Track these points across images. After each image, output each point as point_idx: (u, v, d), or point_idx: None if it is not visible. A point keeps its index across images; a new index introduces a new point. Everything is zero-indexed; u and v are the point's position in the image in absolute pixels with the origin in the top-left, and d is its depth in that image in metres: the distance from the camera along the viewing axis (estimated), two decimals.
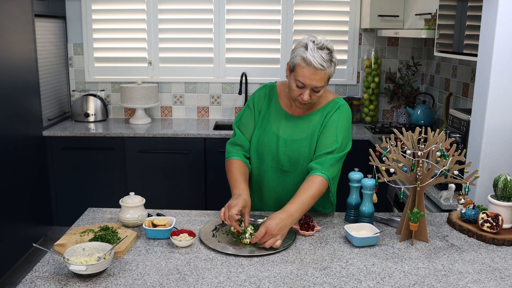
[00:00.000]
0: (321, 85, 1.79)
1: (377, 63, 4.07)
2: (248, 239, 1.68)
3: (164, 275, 1.47)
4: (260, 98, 2.03)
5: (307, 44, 1.77)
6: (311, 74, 1.75)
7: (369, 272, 1.51)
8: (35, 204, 3.53)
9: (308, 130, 1.94)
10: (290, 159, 1.94)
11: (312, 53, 1.73)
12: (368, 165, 1.86)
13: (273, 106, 2.00)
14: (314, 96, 1.82)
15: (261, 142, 1.98)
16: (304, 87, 1.79)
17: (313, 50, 1.74)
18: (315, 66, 1.73)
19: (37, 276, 1.46)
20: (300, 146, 1.93)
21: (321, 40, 1.79)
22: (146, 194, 2.26)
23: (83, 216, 1.96)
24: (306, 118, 1.96)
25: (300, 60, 1.76)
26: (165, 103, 4.23)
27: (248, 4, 4.05)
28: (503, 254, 1.64)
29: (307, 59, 1.73)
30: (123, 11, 4.09)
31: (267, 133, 1.97)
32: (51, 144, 3.66)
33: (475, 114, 2.17)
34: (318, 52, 1.74)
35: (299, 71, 1.77)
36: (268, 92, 2.03)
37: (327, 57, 1.75)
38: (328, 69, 1.76)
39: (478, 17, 2.25)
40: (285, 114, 1.98)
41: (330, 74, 1.79)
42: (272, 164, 1.98)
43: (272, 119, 1.99)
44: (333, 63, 1.78)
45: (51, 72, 3.84)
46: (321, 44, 1.77)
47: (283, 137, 1.95)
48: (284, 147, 1.94)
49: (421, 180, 1.71)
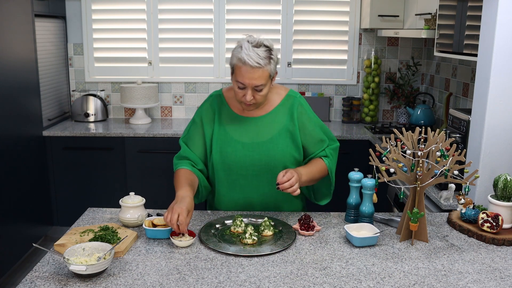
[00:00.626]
0: (261, 83, 1.75)
1: (377, 63, 4.07)
2: (248, 239, 1.68)
3: (164, 275, 1.47)
4: (207, 111, 1.95)
5: (242, 44, 1.75)
6: (249, 73, 1.72)
7: (369, 272, 1.51)
8: (35, 204, 3.53)
9: (274, 129, 1.90)
10: (261, 162, 1.89)
11: (247, 52, 1.71)
12: (368, 165, 1.86)
13: (225, 114, 1.93)
14: (257, 95, 1.78)
15: (225, 154, 1.90)
16: (245, 88, 1.76)
17: (248, 49, 1.71)
18: (251, 65, 1.70)
19: (37, 276, 1.46)
20: (269, 148, 1.89)
21: (257, 38, 1.76)
22: (146, 194, 2.26)
23: (83, 216, 1.96)
24: (268, 117, 1.91)
25: (236, 60, 1.74)
26: (165, 103, 4.23)
27: (248, 4, 4.05)
28: (503, 254, 1.64)
29: (242, 58, 1.71)
30: (123, 11, 4.09)
31: (229, 143, 1.90)
32: (51, 144, 3.67)
33: (475, 114, 2.17)
34: (254, 50, 1.71)
35: (237, 71, 1.75)
36: (216, 101, 1.95)
37: (264, 54, 1.73)
38: (266, 66, 1.73)
39: (478, 17, 2.25)
40: (241, 118, 1.92)
41: (270, 72, 1.76)
42: (243, 172, 1.91)
43: (228, 127, 1.91)
44: (273, 60, 1.76)
45: (51, 72, 3.84)
46: (257, 42, 1.75)
47: (248, 142, 1.89)
48: (252, 152, 1.89)
49: (421, 180, 1.71)
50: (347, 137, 3.64)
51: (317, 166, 1.92)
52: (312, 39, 4.13)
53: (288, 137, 1.91)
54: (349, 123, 4.15)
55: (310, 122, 1.95)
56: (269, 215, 1.96)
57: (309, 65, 4.18)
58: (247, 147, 1.89)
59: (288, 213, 2.00)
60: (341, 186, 2.34)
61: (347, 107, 4.15)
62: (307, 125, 1.94)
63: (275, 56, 1.77)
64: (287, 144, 1.91)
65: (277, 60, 1.79)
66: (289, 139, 1.91)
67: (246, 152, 1.89)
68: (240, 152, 1.89)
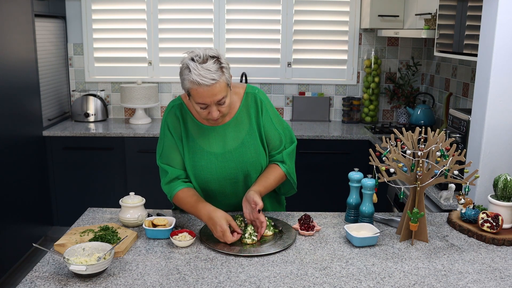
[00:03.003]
0: (222, 96, 1.66)
1: (377, 63, 4.07)
2: (248, 239, 1.68)
3: (164, 275, 1.47)
4: (174, 123, 1.85)
5: (188, 65, 1.63)
6: (207, 92, 1.63)
7: (369, 272, 1.51)
8: (35, 204, 3.53)
9: (242, 132, 1.85)
10: (236, 169, 1.86)
11: (198, 72, 1.60)
12: (368, 165, 1.86)
13: (190, 124, 1.84)
14: (222, 108, 1.70)
15: (199, 168, 1.84)
16: (208, 106, 1.68)
17: (196, 68, 1.60)
18: (207, 84, 1.61)
19: (37, 276, 1.46)
20: (242, 152, 1.85)
21: (200, 53, 1.64)
22: (146, 194, 2.25)
23: (83, 216, 1.96)
24: (233, 122, 1.85)
25: (189, 84, 1.64)
26: (165, 103, 4.23)
27: (248, 4, 4.05)
28: (503, 254, 1.64)
29: (195, 81, 1.61)
30: (123, 11, 4.09)
31: (201, 156, 1.84)
32: (51, 144, 3.66)
33: (475, 114, 2.17)
34: (203, 67, 1.61)
35: (195, 94, 1.65)
36: (179, 112, 1.84)
37: (215, 67, 1.62)
38: (221, 78, 1.64)
39: (478, 17, 2.25)
40: (208, 128, 1.84)
41: (226, 81, 1.67)
42: (220, 182, 1.87)
43: (197, 139, 1.84)
44: (225, 68, 1.66)
45: (51, 72, 3.84)
46: (202, 57, 1.63)
47: (220, 152, 1.84)
48: (226, 162, 1.84)
49: (421, 180, 1.71)
50: (347, 137, 3.64)
51: (274, 176, 1.89)
52: (312, 39, 4.13)
53: (257, 137, 1.87)
54: (349, 123, 4.15)
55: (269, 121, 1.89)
56: (269, 215, 1.96)
57: (309, 65, 4.18)
58: (220, 158, 1.84)
59: (288, 213, 2.00)
60: (341, 186, 2.34)
61: (347, 107, 4.15)
62: (266, 124, 1.88)
63: (225, 63, 1.67)
64: (257, 143, 1.87)
65: (228, 66, 1.69)
66: (257, 138, 1.87)
67: (220, 163, 1.84)
68: (214, 164, 1.84)
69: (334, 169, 3.65)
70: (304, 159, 3.59)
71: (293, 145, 1.97)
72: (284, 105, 4.20)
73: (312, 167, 3.64)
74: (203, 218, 1.72)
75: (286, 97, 4.19)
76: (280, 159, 1.93)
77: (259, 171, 1.90)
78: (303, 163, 3.53)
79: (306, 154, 3.62)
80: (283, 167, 1.92)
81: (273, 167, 1.92)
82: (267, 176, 1.88)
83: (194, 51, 1.66)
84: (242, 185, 1.91)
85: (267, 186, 1.86)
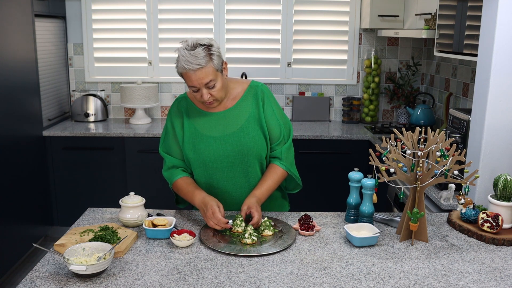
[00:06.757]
0: (209, 79, 1.78)
1: (377, 63, 4.07)
2: (248, 239, 1.68)
3: (164, 275, 1.47)
4: (176, 114, 1.99)
5: (179, 52, 1.80)
6: (194, 76, 1.77)
7: (369, 272, 1.51)
8: (35, 204, 3.53)
9: (242, 118, 1.94)
10: (234, 152, 1.93)
11: (185, 58, 1.76)
12: (368, 165, 1.86)
13: (193, 113, 1.98)
14: (213, 91, 1.82)
15: (199, 151, 1.93)
16: (199, 89, 1.81)
17: (185, 55, 1.76)
18: (192, 69, 1.75)
19: (37, 276, 1.46)
20: (240, 136, 1.92)
21: (191, 41, 1.79)
22: (146, 194, 2.26)
23: (83, 216, 1.96)
24: (234, 109, 1.95)
25: (180, 69, 1.80)
26: (165, 103, 4.24)
27: (248, 4, 4.06)
28: (503, 254, 1.64)
29: (183, 66, 1.77)
30: (123, 11, 4.09)
31: (201, 140, 1.94)
32: (51, 144, 3.66)
33: (475, 114, 2.17)
34: (191, 54, 1.75)
35: (185, 78, 1.81)
36: (182, 103, 2.00)
37: (203, 53, 1.76)
38: (208, 64, 1.77)
39: (478, 17, 2.25)
40: (209, 114, 1.96)
41: (214, 66, 1.79)
42: (217, 165, 1.94)
43: (198, 125, 1.96)
44: (214, 55, 1.78)
45: (51, 72, 3.84)
46: (192, 44, 1.78)
47: (218, 136, 1.93)
48: (224, 144, 1.92)
49: (421, 180, 1.71)
50: (347, 137, 3.64)
51: (273, 179, 1.96)
52: (312, 39, 4.13)
53: (256, 124, 1.94)
54: (349, 123, 4.15)
55: (271, 111, 1.97)
56: (269, 215, 1.96)
57: (309, 65, 4.18)
58: (218, 140, 1.93)
59: (288, 213, 2.00)
60: (341, 186, 2.34)
61: (347, 107, 4.15)
62: (268, 113, 1.97)
63: (216, 51, 1.80)
64: (256, 130, 1.94)
65: (219, 53, 1.81)
66: (257, 126, 1.94)
67: (218, 145, 1.93)
68: (212, 146, 1.93)
69: (334, 169, 3.64)
70: (304, 159, 3.59)
71: (288, 143, 2.02)
72: (284, 105, 4.20)
73: (312, 167, 3.64)
74: (196, 202, 1.85)
75: (286, 97, 4.19)
76: (278, 154, 1.99)
77: (257, 160, 1.95)
78: (303, 163, 3.53)
79: (306, 154, 3.62)
80: (281, 164, 1.97)
81: (272, 167, 1.98)
82: (266, 179, 1.95)
83: (187, 40, 1.81)
84: (240, 171, 1.95)
85: (269, 187, 1.94)
